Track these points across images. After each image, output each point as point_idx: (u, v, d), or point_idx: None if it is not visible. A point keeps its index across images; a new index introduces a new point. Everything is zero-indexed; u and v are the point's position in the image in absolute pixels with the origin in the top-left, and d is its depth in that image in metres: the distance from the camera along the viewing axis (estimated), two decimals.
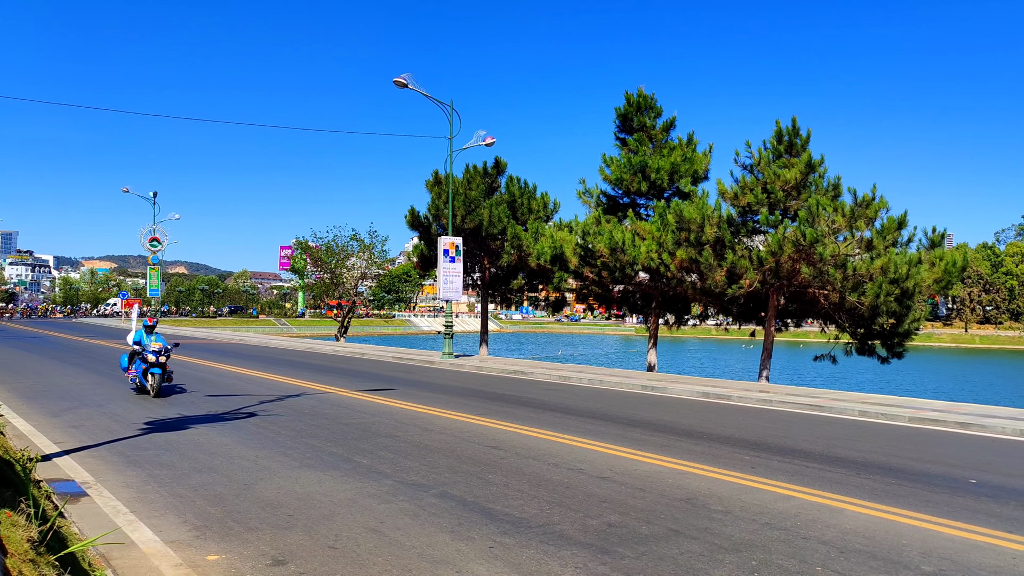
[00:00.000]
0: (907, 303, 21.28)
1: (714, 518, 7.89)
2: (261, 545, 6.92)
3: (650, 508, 8.24)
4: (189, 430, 12.99)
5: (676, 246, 23.57)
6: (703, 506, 8.35)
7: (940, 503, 8.58)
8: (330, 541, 7.05)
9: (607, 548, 6.89)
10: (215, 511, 8.02)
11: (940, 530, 7.53)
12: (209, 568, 6.34)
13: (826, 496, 8.82)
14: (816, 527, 7.59)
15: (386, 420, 14.31)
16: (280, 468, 10.07)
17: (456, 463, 10.44)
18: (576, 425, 13.97)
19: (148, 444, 11.75)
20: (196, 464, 10.31)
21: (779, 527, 7.57)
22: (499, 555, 6.67)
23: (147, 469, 10.00)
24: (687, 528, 7.52)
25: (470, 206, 31.67)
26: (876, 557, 6.71)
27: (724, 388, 19.97)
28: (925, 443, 12.66)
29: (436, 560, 6.54)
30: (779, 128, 23.85)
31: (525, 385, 21.62)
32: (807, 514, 8.05)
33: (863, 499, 8.70)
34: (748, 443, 12.35)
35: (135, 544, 6.86)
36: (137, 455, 10.92)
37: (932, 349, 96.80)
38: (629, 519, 7.81)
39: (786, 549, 6.90)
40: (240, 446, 11.63)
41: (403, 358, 31.53)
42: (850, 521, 7.81)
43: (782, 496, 8.82)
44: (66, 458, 10.56)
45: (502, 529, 7.43)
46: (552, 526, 7.54)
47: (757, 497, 8.76)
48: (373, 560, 6.55)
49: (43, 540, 4.92)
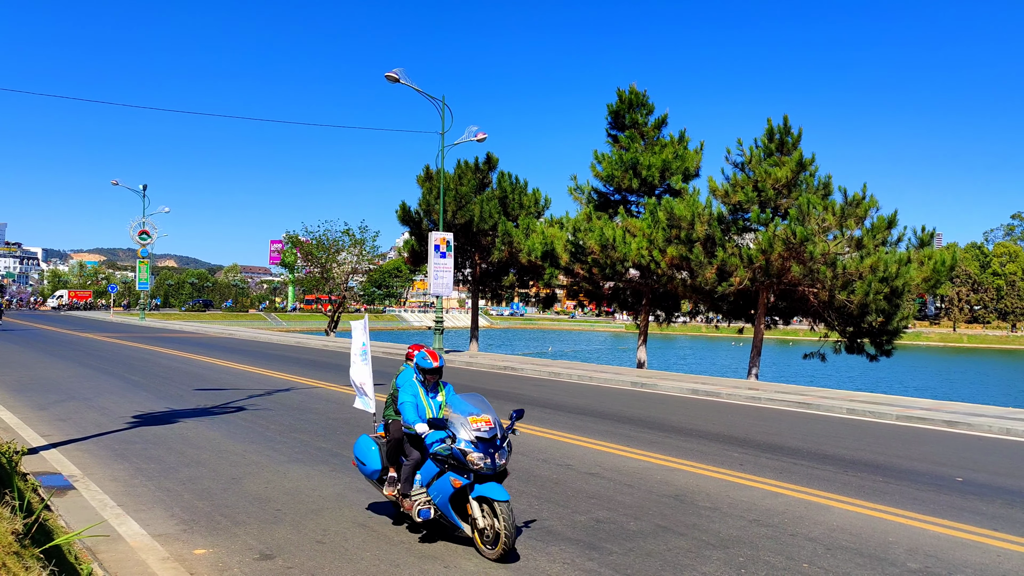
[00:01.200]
0: (896, 302, 21.36)
1: (702, 515, 7.91)
2: (248, 539, 6.90)
3: (638, 504, 8.26)
4: (177, 424, 12.94)
5: (667, 243, 23.60)
6: (691, 503, 8.37)
7: (927, 501, 8.62)
8: (318, 536, 7.03)
9: (595, 544, 6.90)
10: (203, 505, 7.99)
11: (926, 527, 7.57)
12: (196, 562, 6.31)
13: (814, 493, 8.86)
14: (803, 524, 7.62)
15: None
16: (268, 463, 10.05)
17: None
18: (565, 421, 13.98)
19: (136, 438, 11.70)
20: (184, 458, 10.27)
21: (767, 524, 7.60)
22: None
23: (135, 463, 9.96)
24: (675, 524, 7.54)
25: (461, 202, 31.64)
26: (862, 554, 6.74)
27: (713, 385, 20.03)
28: (912, 441, 12.73)
29: (424, 555, 6.53)
30: (770, 126, 23.88)
31: (515, 381, 21.62)
32: (795, 511, 8.09)
33: (850, 496, 8.74)
34: (737, 440, 12.39)
35: (122, 537, 6.83)
36: (125, 449, 10.87)
37: (920, 348, 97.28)
38: (617, 515, 7.83)
39: (773, 546, 6.92)
40: (228, 440, 11.59)
41: (393, 353, 31.48)
42: (837, 518, 7.85)
43: (770, 493, 8.85)
44: (53, 451, 10.51)
45: None
46: (540, 522, 7.55)
47: (745, 494, 8.78)
48: (361, 555, 6.54)
49: (28, 533, 4.89)
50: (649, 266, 24.35)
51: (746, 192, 23.21)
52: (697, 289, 24.00)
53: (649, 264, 24.23)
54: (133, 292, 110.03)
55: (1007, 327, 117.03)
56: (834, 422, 14.80)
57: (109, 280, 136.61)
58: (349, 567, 6.24)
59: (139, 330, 49.38)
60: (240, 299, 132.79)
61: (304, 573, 6.09)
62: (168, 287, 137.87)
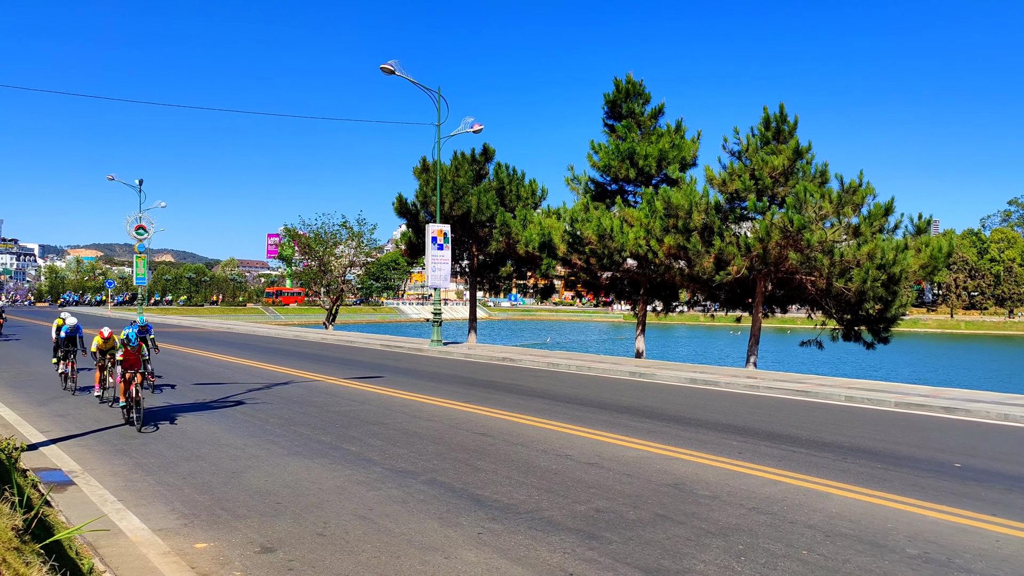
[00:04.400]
0: (893, 289, 21.38)
1: (701, 503, 7.92)
2: (249, 532, 6.91)
3: (637, 494, 8.27)
4: (176, 418, 12.94)
5: (664, 233, 23.59)
6: (690, 491, 8.39)
7: (926, 487, 8.65)
8: (319, 528, 7.04)
9: (595, 533, 6.92)
10: (203, 499, 8.00)
11: (926, 514, 7.59)
12: (197, 556, 6.32)
13: (813, 481, 8.88)
14: (803, 511, 7.64)
15: (374, 408, 14.29)
16: (268, 456, 10.05)
17: (444, 450, 10.44)
18: (564, 411, 14.00)
19: (135, 433, 11.70)
20: (183, 452, 10.27)
21: (766, 512, 7.62)
22: (488, 541, 6.68)
23: (134, 458, 9.97)
24: (674, 513, 7.55)
25: (458, 193, 31.60)
26: (862, 541, 6.76)
27: (712, 374, 20.05)
28: (911, 428, 12.76)
29: (425, 546, 6.54)
30: (767, 115, 23.87)
31: (514, 372, 21.64)
32: (794, 498, 8.10)
33: (849, 483, 8.76)
34: (736, 428, 12.41)
35: (122, 532, 6.83)
36: (124, 444, 10.87)
37: (918, 335, 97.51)
38: (617, 504, 7.84)
39: (772, 533, 6.94)
40: (228, 434, 11.59)
41: (391, 346, 31.50)
42: (836, 505, 7.87)
43: (769, 481, 8.87)
44: (53, 447, 10.51)
45: (490, 515, 7.44)
46: (540, 512, 7.56)
47: (744, 482, 8.80)
48: (362, 547, 6.55)
49: (28, 528, 4.89)
50: (647, 256, 24.35)
51: (743, 181, 23.20)
52: (695, 278, 24.01)
53: (647, 254, 24.23)
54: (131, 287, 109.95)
55: (1004, 313, 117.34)
56: (833, 409, 14.82)
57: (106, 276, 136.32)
58: (350, 559, 6.25)
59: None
60: (238, 293, 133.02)
61: (305, 566, 6.10)
62: (166, 282, 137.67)
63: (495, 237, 31.30)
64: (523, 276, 34.78)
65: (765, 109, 23.86)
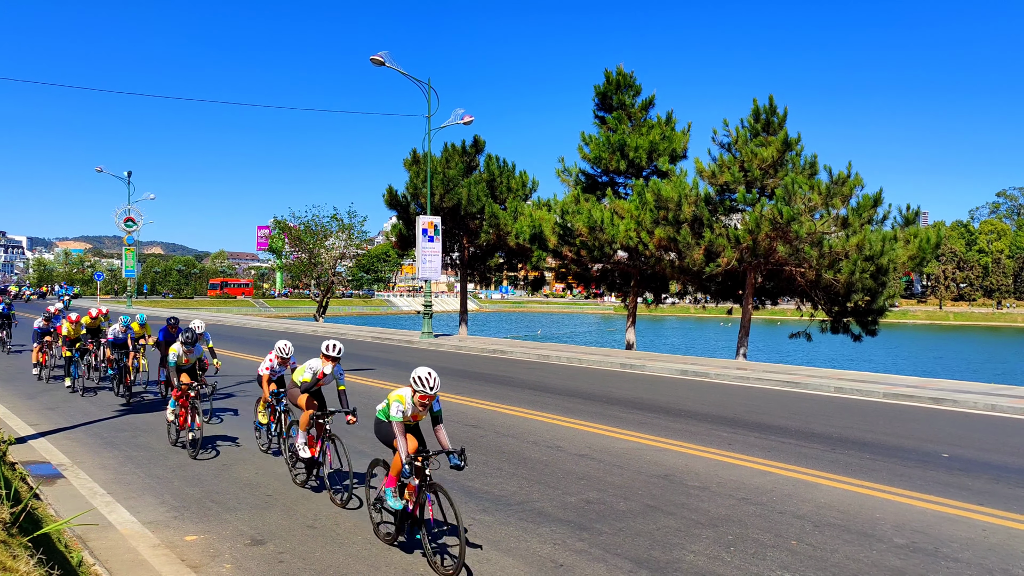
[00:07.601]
0: (882, 280, 21.46)
1: (691, 494, 7.96)
2: (240, 525, 6.91)
3: (628, 485, 8.30)
4: (166, 412, 12.88)
5: (655, 225, 23.60)
6: (680, 482, 8.42)
7: (913, 477, 8.71)
8: (309, 521, 7.04)
9: (585, 524, 6.94)
10: (193, 492, 7.99)
11: (913, 503, 7.65)
12: (187, 548, 6.31)
13: (802, 471, 8.93)
14: (792, 502, 7.68)
15: (365, 400, 14.27)
16: (258, 448, 10.03)
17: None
18: (555, 403, 14.02)
19: (125, 426, 11.66)
20: (173, 446, 10.24)
21: (755, 502, 7.66)
22: (479, 532, 6.70)
23: (124, 450, 9.94)
24: (664, 504, 7.59)
25: (448, 185, 31.52)
26: (850, 530, 6.80)
27: (702, 366, 20.11)
28: (899, 418, 12.83)
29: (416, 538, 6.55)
30: (756, 106, 23.87)
31: (505, 364, 21.65)
32: (783, 489, 8.15)
33: (838, 474, 8.81)
34: (725, 420, 12.46)
35: (112, 525, 6.82)
36: (114, 436, 10.84)
37: (907, 326, 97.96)
38: (607, 496, 7.87)
39: (762, 523, 6.98)
40: (218, 427, 11.56)
41: (382, 338, 31.46)
42: (825, 496, 7.91)
43: (758, 472, 8.91)
44: (42, 440, 10.47)
45: (482, 507, 7.46)
46: (531, 503, 7.58)
47: (734, 473, 8.84)
48: (352, 539, 6.55)
49: (16, 522, 4.87)
50: (637, 248, 24.37)
51: (733, 173, 23.22)
52: (685, 270, 24.04)
53: (637, 246, 24.24)
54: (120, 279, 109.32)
55: (992, 304, 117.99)
56: (822, 400, 14.90)
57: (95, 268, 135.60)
58: (340, 551, 6.25)
59: None
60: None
61: (296, 558, 6.10)
62: (155, 274, 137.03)
63: (485, 229, 31.24)
64: (514, 268, 34.75)
65: (755, 101, 23.87)
